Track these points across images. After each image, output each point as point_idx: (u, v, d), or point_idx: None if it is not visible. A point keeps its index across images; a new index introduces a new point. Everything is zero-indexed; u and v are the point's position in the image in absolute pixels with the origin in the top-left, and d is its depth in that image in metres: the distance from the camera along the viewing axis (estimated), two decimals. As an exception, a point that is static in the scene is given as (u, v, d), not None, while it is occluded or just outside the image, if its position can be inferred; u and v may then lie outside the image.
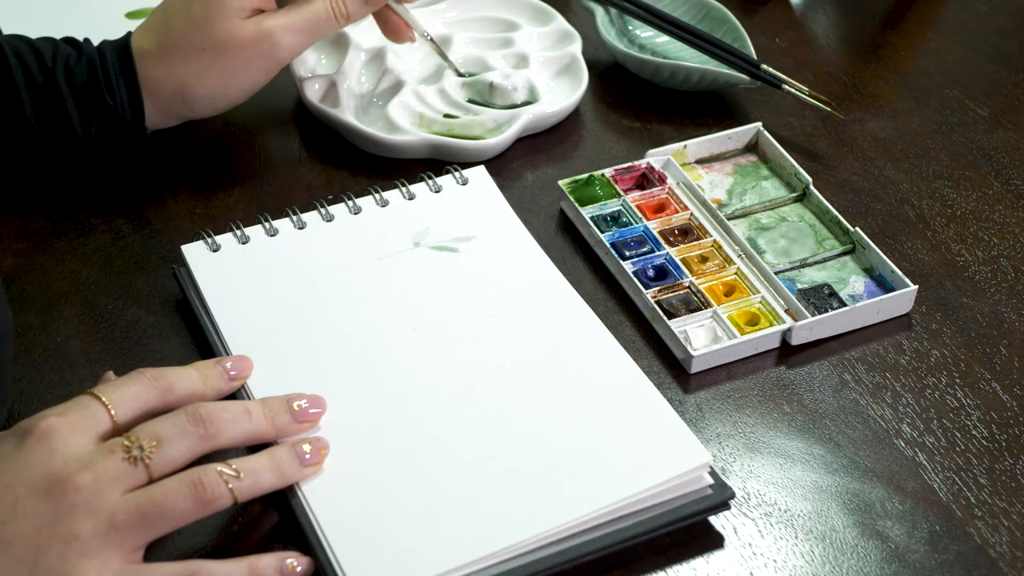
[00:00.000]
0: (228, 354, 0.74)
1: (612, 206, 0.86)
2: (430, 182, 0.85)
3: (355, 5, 0.86)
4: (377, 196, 0.84)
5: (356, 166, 0.90)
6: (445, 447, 0.70)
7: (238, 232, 0.81)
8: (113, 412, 0.64)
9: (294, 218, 0.82)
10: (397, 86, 0.93)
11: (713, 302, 0.80)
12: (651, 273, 0.82)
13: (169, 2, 0.85)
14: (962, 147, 0.94)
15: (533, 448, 0.70)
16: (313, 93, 0.92)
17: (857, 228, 0.84)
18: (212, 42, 0.82)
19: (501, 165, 0.90)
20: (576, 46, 0.97)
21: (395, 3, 0.89)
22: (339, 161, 0.90)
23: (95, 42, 0.84)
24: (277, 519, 0.69)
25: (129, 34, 0.84)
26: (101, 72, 0.82)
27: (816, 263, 0.84)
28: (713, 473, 0.69)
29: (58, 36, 0.86)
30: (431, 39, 0.93)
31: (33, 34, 0.87)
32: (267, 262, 0.79)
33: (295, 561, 0.64)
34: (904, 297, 0.81)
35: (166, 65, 0.83)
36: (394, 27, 0.91)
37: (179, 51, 0.82)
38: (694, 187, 0.87)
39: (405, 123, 0.91)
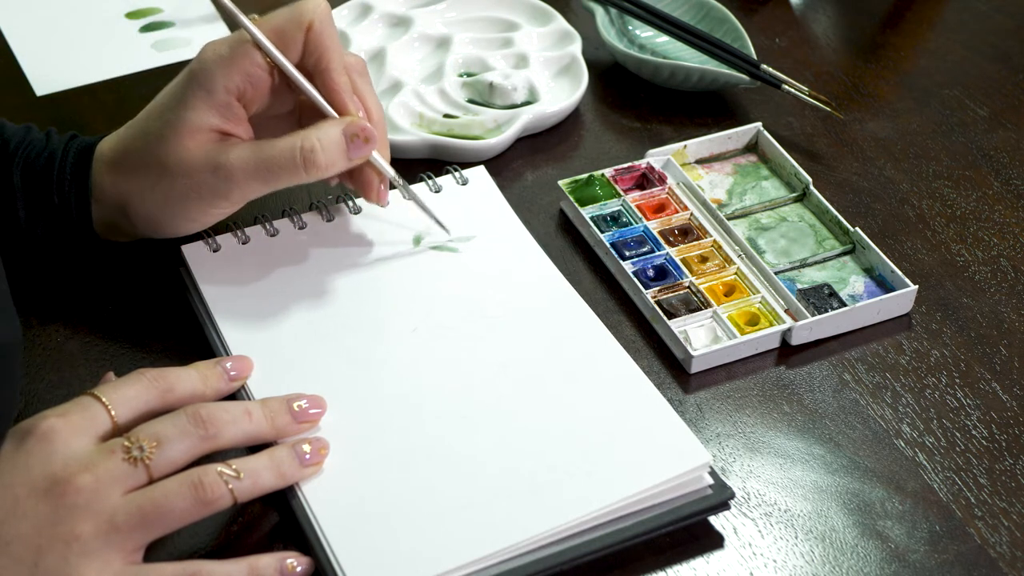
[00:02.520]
0: (228, 354, 0.74)
1: (612, 206, 0.86)
2: (430, 182, 0.85)
3: (333, 156, 0.74)
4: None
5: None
6: (445, 447, 0.70)
7: (238, 232, 0.81)
8: (113, 413, 0.64)
9: (294, 218, 0.82)
10: (397, 86, 0.93)
11: (713, 302, 0.80)
12: (651, 273, 0.82)
13: (143, 111, 0.77)
14: (962, 147, 0.94)
15: (533, 448, 0.70)
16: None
17: (857, 228, 0.84)
18: (157, 159, 0.74)
19: (501, 165, 0.90)
20: (576, 46, 0.97)
21: (376, 159, 0.77)
22: (339, 161, 0.90)
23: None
24: (277, 519, 0.69)
25: (103, 136, 0.78)
26: (57, 169, 0.76)
27: (816, 263, 0.84)
28: (713, 473, 0.69)
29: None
30: (412, 196, 0.81)
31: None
32: (267, 262, 0.79)
33: (295, 561, 0.64)
34: (904, 297, 0.81)
35: (115, 176, 0.76)
36: (367, 182, 0.78)
37: (129, 163, 0.75)
38: (694, 187, 0.87)
39: (405, 123, 0.91)
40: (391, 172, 0.78)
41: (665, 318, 0.78)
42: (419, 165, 0.88)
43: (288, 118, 0.79)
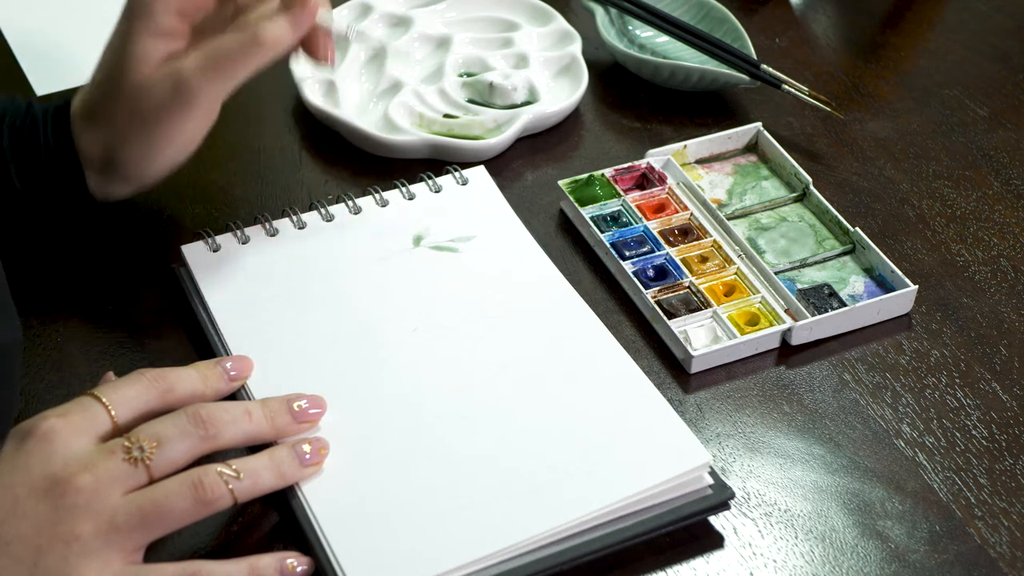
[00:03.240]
0: (228, 354, 0.74)
1: (612, 206, 0.86)
2: (430, 182, 0.85)
3: (280, 27, 0.74)
4: (377, 196, 0.84)
5: (356, 166, 0.90)
6: (445, 447, 0.70)
7: (238, 232, 0.81)
8: (113, 413, 0.64)
9: (294, 218, 0.82)
10: (397, 86, 0.93)
11: (713, 302, 0.80)
12: (651, 273, 0.82)
13: (98, 59, 0.78)
14: (962, 147, 0.94)
15: (533, 448, 0.70)
16: (313, 93, 0.92)
17: (857, 228, 0.84)
18: (122, 100, 0.75)
19: (501, 165, 0.90)
20: (576, 46, 0.97)
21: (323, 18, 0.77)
22: (339, 161, 0.90)
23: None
24: (277, 519, 0.69)
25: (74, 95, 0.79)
26: (41, 135, 0.77)
27: (816, 263, 0.84)
28: (713, 473, 0.69)
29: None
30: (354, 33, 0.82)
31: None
32: (267, 262, 0.79)
33: (295, 561, 0.64)
34: (904, 297, 0.81)
35: (91, 131, 0.77)
36: (314, 46, 0.77)
37: (99, 115, 0.77)
38: (694, 187, 0.87)
39: (405, 123, 0.91)
40: (341, 25, 0.79)
41: (665, 318, 0.78)
42: (419, 165, 0.88)
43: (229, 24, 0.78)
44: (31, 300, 0.79)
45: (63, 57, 0.97)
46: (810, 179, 0.88)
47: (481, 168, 0.87)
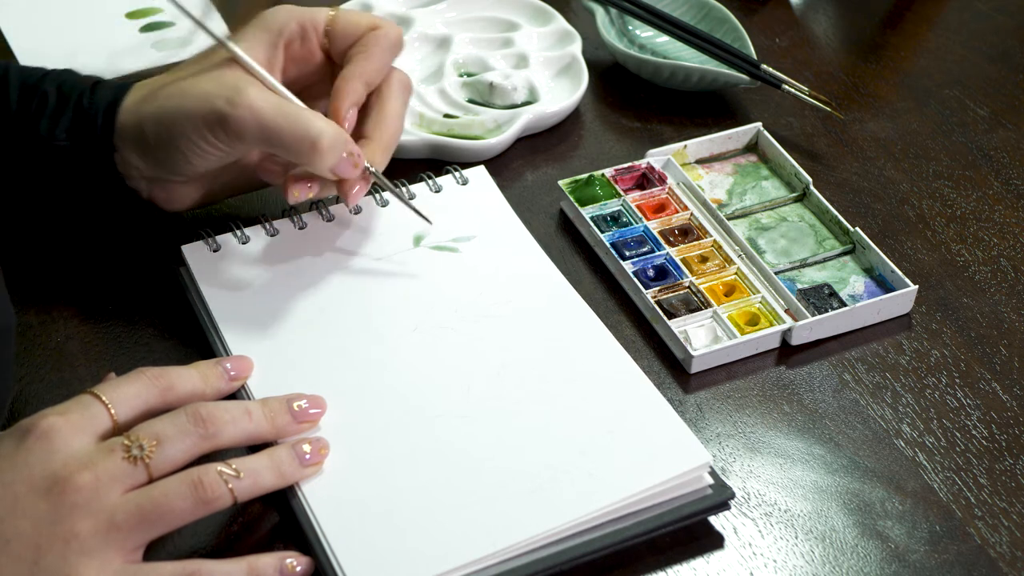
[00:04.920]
0: (228, 354, 0.74)
1: (612, 206, 0.86)
2: (430, 182, 0.85)
3: (331, 158, 0.74)
4: (377, 196, 0.84)
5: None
6: (445, 447, 0.70)
7: (238, 232, 0.81)
8: (113, 411, 0.64)
9: (294, 218, 0.82)
10: (397, 86, 0.93)
11: (713, 302, 0.80)
12: (651, 273, 0.82)
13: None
14: (962, 147, 0.94)
15: (533, 448, 0.70)
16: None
17: (857, 228, 0.84)
18: (187, 76, 0.76)
19: (501, 165, 0.90)
20: (576, 46, 0.97)
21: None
22: (339, 161, 0.90)
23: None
24: (277, 519, 0.69)
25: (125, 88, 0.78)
26: (91, 84, 0.78)
27: (816, 263, 0.84)
28: (713, 473, 0.69)
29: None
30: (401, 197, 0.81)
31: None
32: (268, 262, 0.79)
33: (295, 561, 0.64)
34: (904, 297, 0.81)
35: (140, 101, 0.77)
36: (344, 187, 0.77)
37: (158, 89, 0.77)
38: (694, 187, 0.87)
39: (405, 123, 0.90)
40: (389, 185, 0.79)
41: (665, 318, 0.78)
42: (419, 165, 0.88)
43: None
44: (31, 300, 0.79)
45: (63, 57, 0.97)
46: (810, 179, 0.88)
47: (481, 168, 0.87)
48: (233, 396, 0.71)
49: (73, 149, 0.77)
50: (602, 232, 0.84)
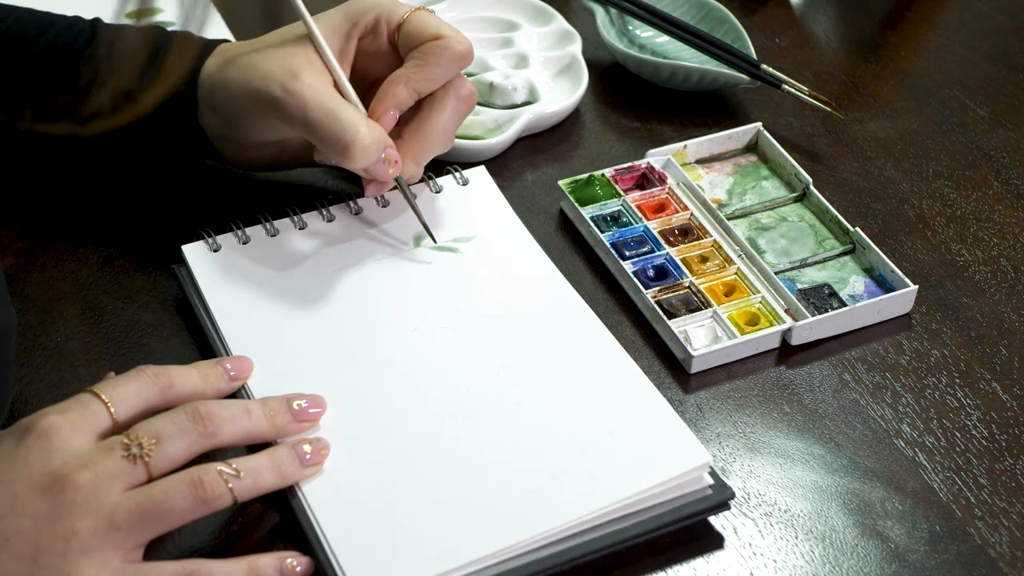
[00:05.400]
0: (228, 354, 0.74)
1: (612, 206, 0.86)
2: (430, 182, 0.85)
3: (366, 157, 0.76)
4: (378, 196, 0.84)
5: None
6: (445, 447, 0.70)
7: (238, 232, 0.81)
8: (113, 410, 0.64)
9: (294, 218, 0.82)
10: (397, 86, 0.93)
11: (713, 302, 0.80)
12: (651, 273, 0.82)
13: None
14: (962, 147, 0.94)
15: (533, 448, 0.70)
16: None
17: (857, 228, 0.84)
18: (262, 39, 0.80)
19: (501, 165, 0.90)
20: (576, 46, 0.97)
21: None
22: (339, 161, 0.90)
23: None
24: (277, 519, 0.69)
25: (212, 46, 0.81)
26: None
27: (816, 263, 0.84)
28: (713, 473, 0.69)
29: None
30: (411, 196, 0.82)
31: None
32: (268, 262, 0.79)
33: (295, 561, 0.64)
34: (904, 297, 0.81)
35: (219, 59, 0.80)
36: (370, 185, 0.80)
37: (238, 49, 0.80)
38: (694, 187, 0.87)
39: (405, 123, 0.91)
40: (411, 199, 0.81)
41: (665, 318, 0.78)
42: (419, 165, 0.88)
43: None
44: (31, 300, 0.79)
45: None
46: (810, 179, 0.88)
47: (481, 168, 0.87)
48: (233, 396, 0.71)
49: (160, 106, 0.79)
50: (602, 232, 0.84)
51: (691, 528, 0.69)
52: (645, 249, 0.83)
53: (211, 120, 0.80)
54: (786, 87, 0.94)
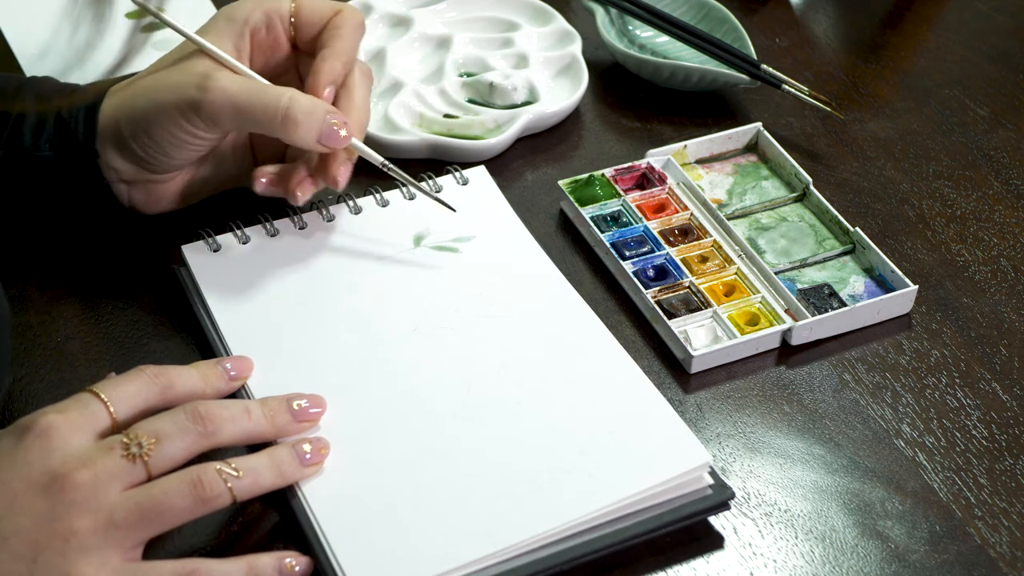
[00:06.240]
0: (228, 354, 0.74)
1: (612, 206, 0.86)
2: (430, 182, 0.85)
3: (309, 127, 0.75)
4: (377, 196, 0.84)
5: (356, 166, 0.89)
6: (445, 447, 0.70)
7: (238, 232, 0.81)
8: (112, 410, 0.64)
9: (294, 218, 0.82)
10: (397, 86, 0.93)
11: (713, 302, 0.80)
12: (651, 273, 0.82)
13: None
14: (962, 147, 0.94)
15: (533, 448, 0.70)
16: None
17: (857, 228, 0.84)
18: (159, 70, 0.78)
19: (501, 165, 0.90)
20: (576, 46, 0.97)
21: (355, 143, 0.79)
22: (339, 161, 0.90)
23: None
24: (277, 519, 0.69)
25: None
26: (70, 90, 0.79)
27: (816, 263, 0.84)
28: (713, 473, 0.69)
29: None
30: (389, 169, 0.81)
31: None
32: (268, 262, 0.79)
33: (294, 560, 0.64)
34: (904, 297, 0.81)
35: (115, 98, 0.78)
36: (325, 169, 0.79)
37: (132, 85, 0.78)
38: (694, 187, 0.87)
39: (405, 123, 0.91)
40: (379, 158, 0.80)
41: (665, 318, 0.78)
42: (419, 165, 0.88)
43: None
44: (31, 300, 0.79)
45: (65, 58, 0.97)
46: (810, 179, 0.88)
47: (481, 168, 0.87)
48: (233, 396, 0.71)
49: (57, 159, 0.77)
50: (602, 232, 0.84)
51: (691, 528, 0.69)
52: (645, 249, 0.83)
53: (117, 164, 0.78)
54: (786, 87, 0.94)
